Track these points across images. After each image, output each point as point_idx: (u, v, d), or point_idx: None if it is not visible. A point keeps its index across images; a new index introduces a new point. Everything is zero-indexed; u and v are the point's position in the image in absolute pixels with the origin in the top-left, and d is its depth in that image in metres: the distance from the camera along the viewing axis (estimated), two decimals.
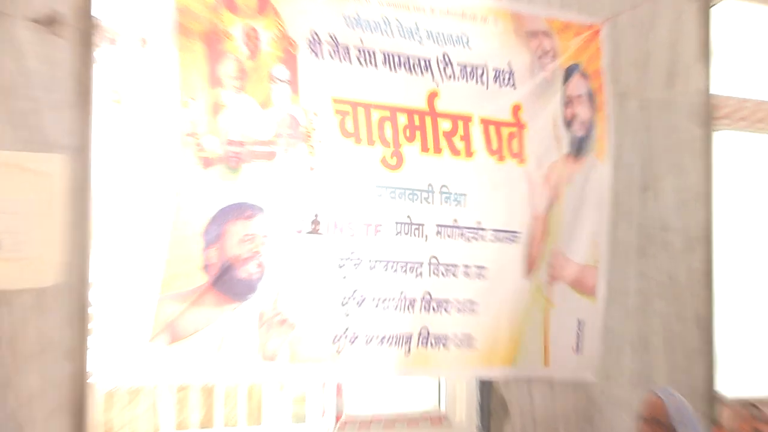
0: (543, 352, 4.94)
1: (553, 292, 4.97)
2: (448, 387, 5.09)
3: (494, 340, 4.79)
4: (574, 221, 5.01)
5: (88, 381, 4.06)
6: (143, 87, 4.07)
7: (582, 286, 5.06)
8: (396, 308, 4.52)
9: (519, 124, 4.85)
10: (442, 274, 4.64)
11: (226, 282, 4.11)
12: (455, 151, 4.68)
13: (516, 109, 4.84)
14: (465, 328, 4.71)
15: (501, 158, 4.79)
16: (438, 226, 4.63)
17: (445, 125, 4.66)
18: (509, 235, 4.81)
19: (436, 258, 4.63)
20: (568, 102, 5.01)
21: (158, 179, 4.03)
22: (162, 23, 4.06)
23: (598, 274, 5.10)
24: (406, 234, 4.56)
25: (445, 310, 4.65)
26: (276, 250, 4.22)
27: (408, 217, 4.56)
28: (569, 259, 5.01)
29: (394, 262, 4.52)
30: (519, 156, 4.85)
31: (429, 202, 4.61)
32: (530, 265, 4.88)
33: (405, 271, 4.55)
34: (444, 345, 4.65)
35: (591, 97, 5.09)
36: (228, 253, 4.12)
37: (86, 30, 4.09)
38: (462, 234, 4.69)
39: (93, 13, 4.10)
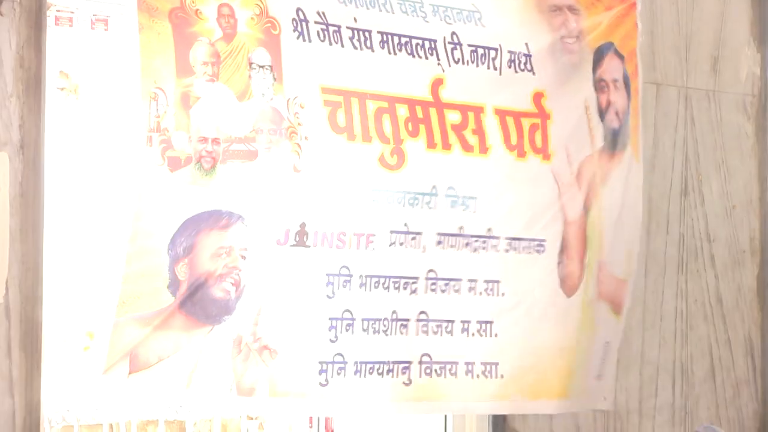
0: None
1: (598, 311, 4.89)
2: (456, 422, 4.98)
3: (534, 369, 4.69)
4: (615, 229, 4.93)
5: (34, 418, 3.91)
6: (102, 75, 3.96)
7: (615, 305, 4.97)
8: (387, 331, 4.38)
9: (543, 114, 4.72)
10: (441, 290, 4.49)
11: (197, 303, 3.94)
12: (467, 147, 4.53)
13: (538, 96, 4.71)
14: (481, 354, 4.56)
15: (521, 154, 4.66)
16: (439, 234, 4.47)
17: (452, 117, 4.51)
18: (531, 243, 4.67)
19: (434, 271, 4.46)
20: (601, 87, 4.90)
21: (117, 182, 3.90)
22: (128, 1, 3.89)
23: (627, 288, 5.01)
24: (401, 244, 4.40)
25: (448, 332, 4.50)
26: (257, 265, 4.05)
27: (405, 225, 4.39)
28: (610, 273, 4.92)
29: (386, 278, 4.37)
30: (543, 151, 4.71)
31: (431, 207, 4.45)
32: (570, 280, 4.76)
33: (398, 287, 4.40)
34: (452, 372, 4.51)
35: (627, 82, 4.98)
36: (199, 269, 3.95)
37: (34, 7, 3.94)
38: (468, 243, 4.53)
39: None
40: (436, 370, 4.48)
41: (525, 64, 4.70)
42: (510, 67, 4.67)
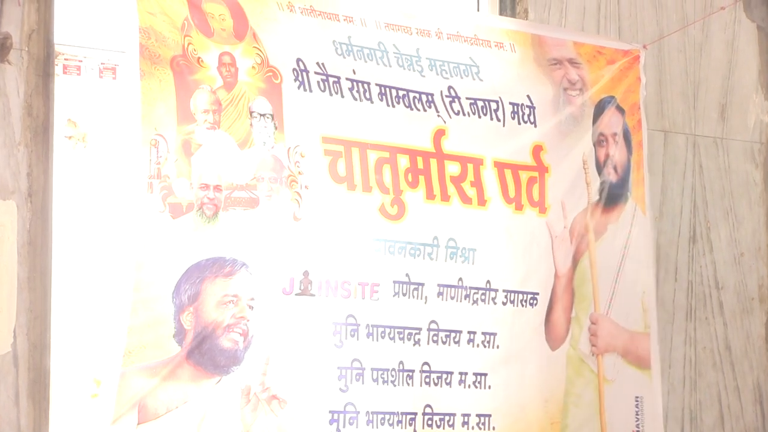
0: None
1: (604, 365, 4.82)
2: None
3: (521, 421, 4.62)
4: (613, 281, 4.87)
5: None
6: (110, 123, 3.95)
7: (635, 358, 4.92)
8: (395, 382, 4.34)
9: (541, 168, 4.71)
10: (443, 341, 4.45)
11: (206, 353, 3.90)
12: (466, 200, 4.52)
13: (537, 149, 4.70)
14: (477, 406, 4.52)
15: (519, 207, 4.65)
16: (440, 286, 4.44)
17: (452, 169, 4.50)
18: (526, 297, 4.66)
19: (436, 323, 4.43)
20: (600, 141, 4.88)
21: (121, 230, 3.84)
22: (130, 49, 3.89)
23: (650, 342, 4.96)
24: (404, 295, 4.37)
25: (448, 383, 4.47)
26: (264, 315, 4.02)
27: (406, 275, 4.37)
28: (619, 326, 4.87)
29: (391, 328, 4.33)
30: (540, 205, 4.70)
31: (432, 258, 4.43)
32: (555, 334, 4.73)
33: (402, 338, 4.36)
34: (451, 425, 4.46)
35: (627, 136, 4.95)
36: (206, 318, 3.92)
37: (42, 56, 3.98)
38: (467, 296, 4.50)
39: (50, 35, 3.98)
40: (436, 422, 4.44)
41: (528, 115, 4.71)
42: (513, 118, 4.67)
